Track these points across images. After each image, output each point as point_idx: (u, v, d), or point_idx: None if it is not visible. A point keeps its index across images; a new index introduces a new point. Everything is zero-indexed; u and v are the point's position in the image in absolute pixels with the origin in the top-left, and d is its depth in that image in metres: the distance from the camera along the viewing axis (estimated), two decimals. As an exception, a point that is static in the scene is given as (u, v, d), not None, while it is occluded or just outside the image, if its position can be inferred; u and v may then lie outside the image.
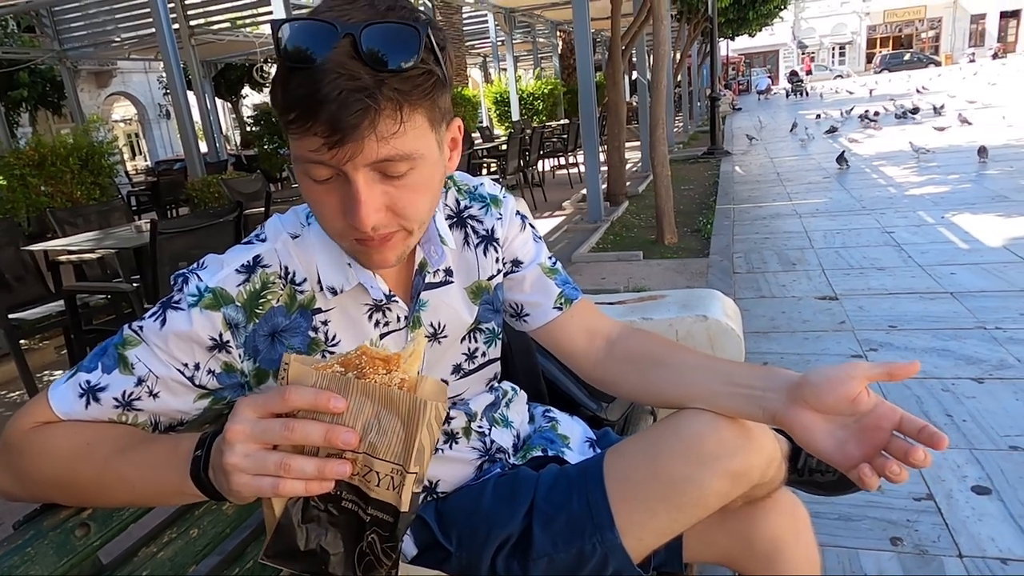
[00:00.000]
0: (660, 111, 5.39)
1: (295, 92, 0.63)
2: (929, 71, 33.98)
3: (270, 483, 0.57)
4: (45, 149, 5.80)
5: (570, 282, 1.00)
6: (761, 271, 4.31)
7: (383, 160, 0.65)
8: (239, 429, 0.58)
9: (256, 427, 0.58)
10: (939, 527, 1.76)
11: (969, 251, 4.16)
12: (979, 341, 2.85)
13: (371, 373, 0.59)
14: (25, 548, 0.69)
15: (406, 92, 0.64)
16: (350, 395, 0.57)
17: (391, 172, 0.67)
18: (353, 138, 0.63)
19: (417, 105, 0.66)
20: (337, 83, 0.61)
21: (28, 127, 15.34)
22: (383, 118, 0.63)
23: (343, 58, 0.62)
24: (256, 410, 0.59)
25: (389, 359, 0.59)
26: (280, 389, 0.58)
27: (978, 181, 6.30)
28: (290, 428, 0.57)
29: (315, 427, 0.57)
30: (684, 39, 13.78)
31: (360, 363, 0.59)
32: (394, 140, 0.65)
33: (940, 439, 0.66)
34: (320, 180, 0.68)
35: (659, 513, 0.81)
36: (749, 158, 10.32)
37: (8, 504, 0.73)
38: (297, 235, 0.82)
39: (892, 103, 15.45)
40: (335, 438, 0.56)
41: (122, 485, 0.70)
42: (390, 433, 0.57)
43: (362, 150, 0.64)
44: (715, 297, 1.99)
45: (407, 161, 0.67)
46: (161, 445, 0.69)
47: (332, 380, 0.58)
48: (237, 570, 0.92)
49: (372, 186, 0.67)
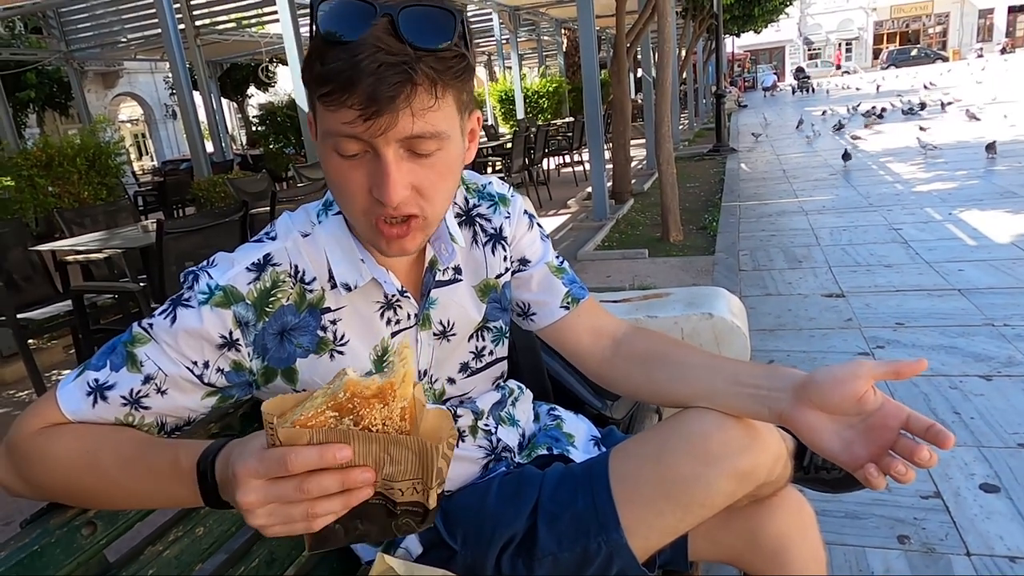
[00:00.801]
0: (665, 108, 5.37)
1: (333, 65, 0.64)
2: (937, 67, 33.74)
3: (303, 526, 0.57)
4: (52, 150, 5.84)
5: (577, 281, 1.00)
6: (767, 269, 4.29)
7: (415, 136, 0.67)
8: (252, 500, 0.56)
9: (270, 493, 0.56)
10: (947, 525, 1.75)
11: (977, 248, 4.14)
12: (987, 338, 2.83)
13: (368, 414, 0.56)
14: (32, 547, 0.70)
15: (441, 71, 0.66)
16: (352, 443, 0.55)
17: (420, 150, 0.68)
18: (390, 110, 0.64)
19: (449, 86, 0.68)
20: (376, 56, 0.63)
21: (36, 128, 15.41)
22: (420, 92, 0.65)
23: (381, 34, 0.63)
24: (259, 478, 0.56)
25: (382, 392, 0.56)
26: (278, 455, 0.55)
27: (986, 177, 6.26)
28: (305, 490, 0.55)
29: (329, 479, 0.55)
30: (689, 36, 13.74)
31: (353, 406, 0.56)
32: (429, 115, 0.66)
33: (946, 438, 0.65)
34: (348, 155, 0.69)
35: (665, 512, 0.81)
36: (755, 155, 10.28)
37: (16, 503, 0.74)
38: (308, 233, 0.82)
39: (899, 99, 15.38)
40: (353, 482, 0.55)
41: (130, 497, 0.71)
42: (404, 462, 0.56)
43: (397, 123, 0.65)
44: (720, 295, 1.98)
45: (436, 140, 0.69)
46: (162, 460, 0.68)
47: (330, 434, 0.55)
48: (243, 568, 0.92)
49: (400, 163, 0.68)
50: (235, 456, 0.59)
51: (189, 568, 0.85)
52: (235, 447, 0.61)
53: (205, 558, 0.87)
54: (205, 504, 0.65)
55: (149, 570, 0.80)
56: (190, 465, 0.65)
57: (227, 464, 0.61)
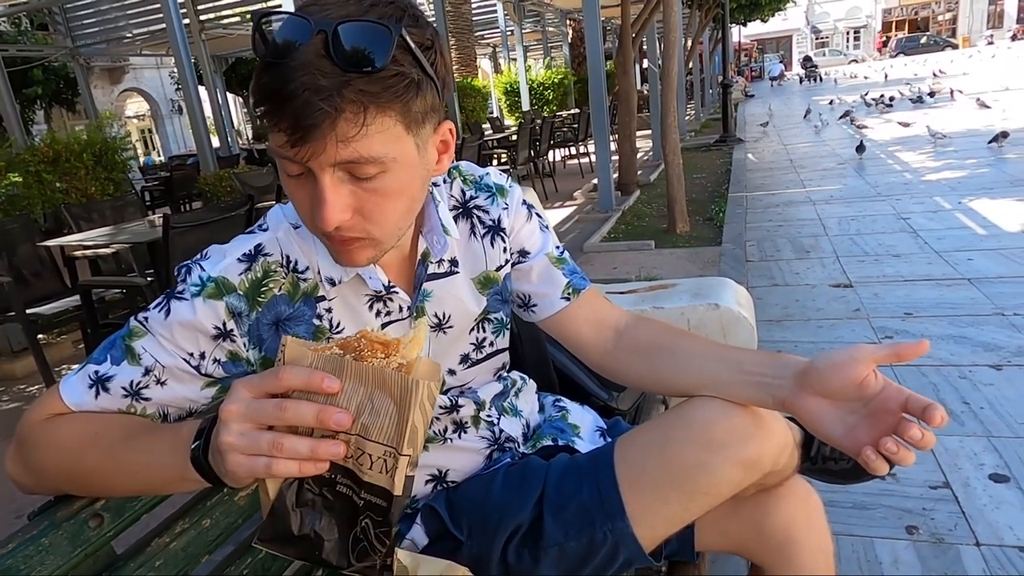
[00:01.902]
0: (671, 99, 5.34)
1: (266, 86, 0.63)
2: (947, 54, 33.38)
3: (264, 463, 0.57)
4: (59, 146, 5.86)
5: (578, 272, 0.99)
6: (774, 259, 4.27)
7: (347, 162, 0.65)
8: (233, 408, 0.58)
9: (250, 406, 0.58)
10: (956, 515, 1.74)
11: (987, 237, 4.10)
12: (997, 328, 2.81)
13: (369, 356, 0.58)
14: (40, 539, 0.70)
15: (374, 94, 0.63)
16: (344, 376, 0.57)
17: (359, 174, 0.67)
18: (314, 138, 0.62)
19: (387, 107, 0.64)
20: (302, 81, 0.61)
21: (43, 124, 15.48)
22: (343, 120, 0.62)
23: (312, 56, 0.61)
24: (251, 390, 0.59)
25: (388, 343, 0.59)
26: (275, 369, 0.58)
27: (996, 166, 6.20)
28: (283, 408, 0.57)
29: (307, 407, 0.56)
30: (695, 26, 13.63)
31: (359, 346, 0.59)
32: (355, 143, 0.64)
33: (933, 416, 0.65)
34: (292, 175, 0.68)
35: (670, 501, 0.81)
36: (762, 145, 10.22)
37: (28, 497, 0.74)
38: (299, 225, 0.82)
39: (908, 87, 15.23)
40: (327, 418, 0.56)
41: (126, 472, 0.70)
42: (383, 415, 0.57)
43: (324, 150, 0.63)
44: (727, 285, 1.97)
45: (375, 164, 0.66)
46: (164, 432, 0.70)
47: (328, 361, 0.58)
48: (249, 560, 0.92)
49: (339, 186, 0.67)
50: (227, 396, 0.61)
51: (196, 560, 0.85)
52: None
53: (212, 550, 0.88)
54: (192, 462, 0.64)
55: (156, 562, 0.81)
56: (189, 432, 0.65)
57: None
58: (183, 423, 0.70)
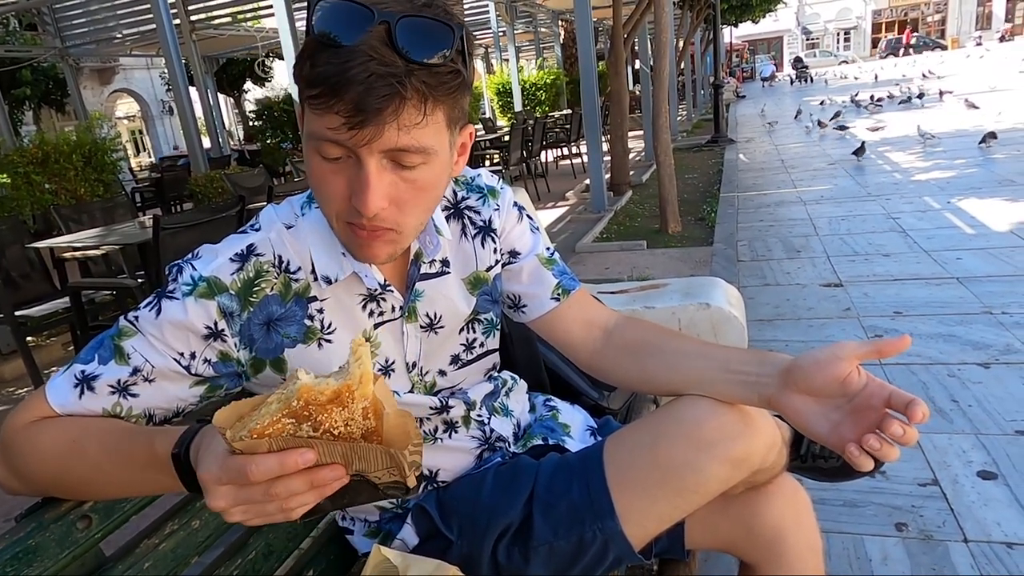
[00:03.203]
0: (663, 99, 5.35)
1: (323, 69, 0.63)
2: (936, 55, 33.59)
3: (282, 517, 0.57)
4: (48, 147, 5.81)
5: (568, 272, 0.99)
6: (765, 259, 4.29)
7: (399, 149, 0.66)
8: (222, 505, 0.55)
9: (238, 497, 0.55)
10: (944, 512, 1.76)
11: (975, 236, 4.13)
12: (985, 326, 2.84)
13: (327, 419, 0.53)
14: (27, 541, 0.70)
15: (433, 86, 0.65)
16: (316, 446, 0.53)
17: (404, 162, 0.68)
18: (375, 122, 0.63)
19: (440, 101, 0.67)
20: (367, 66, 0.62)
21: (32, 126, 15.38)
22: (408, 107, 0.64)
23: (376, 42, 0.63)
24: (224, 485, 0.55)
25: (339, 396, 0.53)
26: (238, 465, 0.53)
27: (984, 165, 6.25)
28: (273, 494, 0.54)
29: (297, 481, 0.54)
30: (687, 26, 13.68)
31: (309, 413, 0.53)
32: (415, 131, 0.66)
33: (914, 412, 0.65)
34: (331, 159, 0.68)
35: (659, 500, 0.81)
36: (753, 146, 10.26)
37: (16, 499, 0.74)
38: (291, 225, 0.82)
39: (898, 87, 15.33)
40: (321, 480, 0.54)
41: (119, 486, 0.71)
42: (373, 459, 0.55)
43: (382, 135, 0.65)
44: (718, 285, 1.98)
45: (421, 154, 0.68)
46: (140, 448, 0.68)
47: (289, 441, 0.53)
48: (239, 561, 0.92)
49: (382, 173, 0.68)
50: (200, 458, 0.59)
51: (185, 561, 0.85)
52: (203, 441, 0.61)
53: (202, 551, 0.87)
54: (188, 491, 0.65)
55: (145, 563, 0.80)
56: (165, 453, 0.64)
57: (197, 459, 0.61)
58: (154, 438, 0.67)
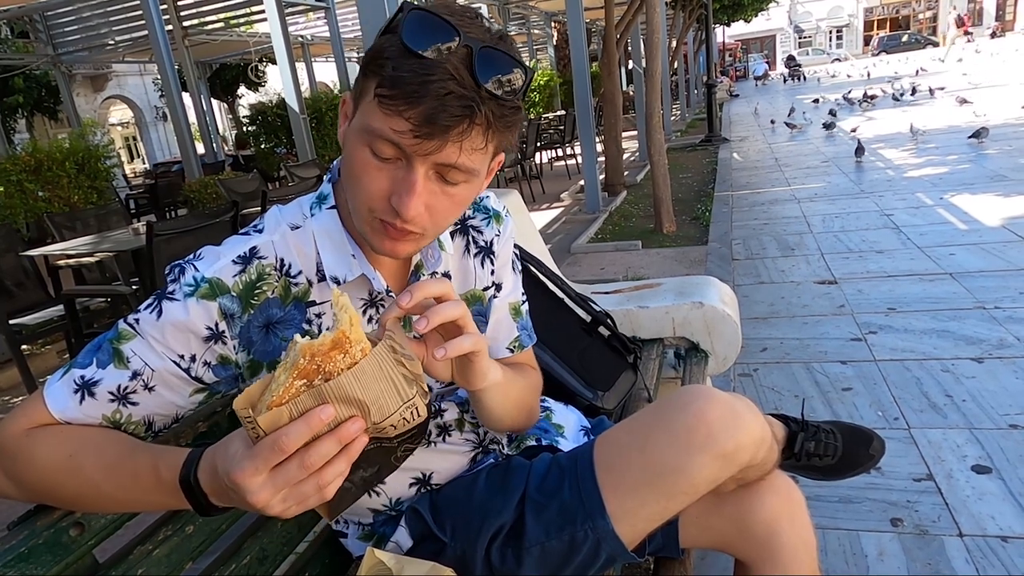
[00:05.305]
0: (656, 100, 5.37)
1: (404, 73, 0.65)
2: (928, 52, 33.71)
3: (317, 498, 0.57)
4: (41, 154, 5.80)
5: (528, 328, 1.02)
6: (760, 257, 4.30)
7: (451, 166, 0.69)
8: (264, 497, 0.56)
9: (277, 482, 0.56)
10: (939, 507, 1.76)
11: (968, 231, 4.15)
12: (979, 321, 2.85)
13: (333, 367, 0.57)
14: (20, 548, 0.70)
15: (498, 116, 0.68)
16: (330, 399, 0.56)
17: (449, 178, 0.71)
18: (440, 137, 0.66)
19: (499, 132, 0.70)
20: (447, 84, 0.64)
21: (25, 133, 15.32)
22: (475, 130, 0.67)
23: (458, 63, 0.65)
24: (261, 474, 0.56)
25: (338, 342, 0.57)
26: (270, 442, 0.55)
27: (977, 161, 6.28)
28: (308, 464, 0.55)
29: (326, 443, 0.56)
30: (679, 26, 13.71)
31: (317, 366, 0.56)
32: (474, 154, 0.69)
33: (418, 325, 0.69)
34: (382, 157, 0.69)
35: (649, 501, 0.81)
36: (747, 144, 10.29)
37: (11, 507, 0.73)
38: (298, 226, 0.82)
39: (891, 84, 15.38)
40: (347, 436, 0.56)
41: (117, 503, 0.71)
42: (379, 394, 0.58)
43: (442, 150, 0.67)
44: (711, 284, 1.99)
45: (467, 174, 0.71)
46: (143, 468, 0.68)
47: (307, 400, 0.55)
48: (234, 566, 0.92)
49: (428, 183, 0.70)
50: (224, 466, 0.58)
51: (179, 567, 0.85)
52: (217, 457, 0.61)
53: (195, 557, 0.88)
54: (198, 514, 0.65)
55: (139, 570, 0.80)
56: (172, 479, 0.64)
57: (215, 475, 0.60)
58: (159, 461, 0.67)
